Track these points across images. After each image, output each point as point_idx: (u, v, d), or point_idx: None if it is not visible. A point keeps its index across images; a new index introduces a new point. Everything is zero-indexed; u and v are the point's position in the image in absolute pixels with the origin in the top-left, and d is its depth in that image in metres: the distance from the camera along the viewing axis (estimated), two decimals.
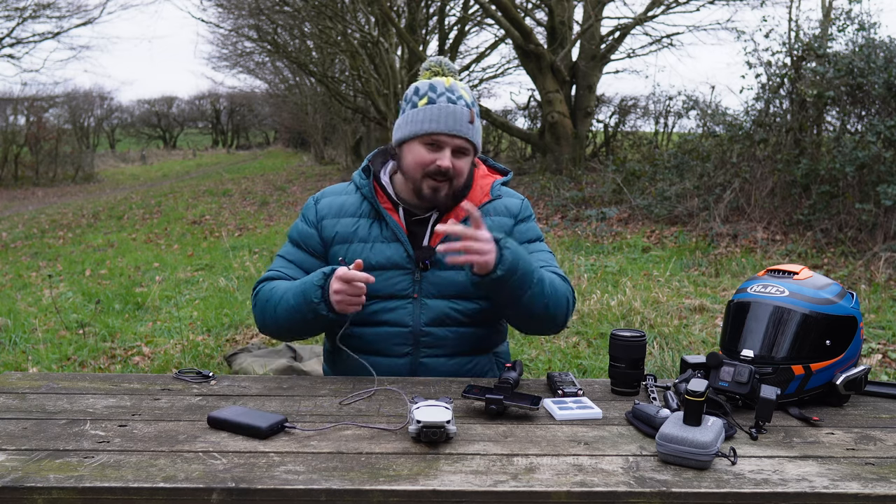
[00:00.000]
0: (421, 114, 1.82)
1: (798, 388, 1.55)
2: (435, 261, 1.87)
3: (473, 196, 1.94)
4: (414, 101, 1.85)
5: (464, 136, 1.81)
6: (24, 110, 23.90)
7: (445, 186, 1.83)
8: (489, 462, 1.30)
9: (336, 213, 1.95)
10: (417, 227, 1.91)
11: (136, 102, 54.99)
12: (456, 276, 1.88)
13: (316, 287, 1.75)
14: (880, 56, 7.24)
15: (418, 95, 1.85)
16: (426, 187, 1.84)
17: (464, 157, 1.85)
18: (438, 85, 1.84)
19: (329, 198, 1.99)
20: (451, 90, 1.83)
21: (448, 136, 1.81)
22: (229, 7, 18.31)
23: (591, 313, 5.06)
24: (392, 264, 1.88)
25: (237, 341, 4.82)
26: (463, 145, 1.83)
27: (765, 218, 7.82)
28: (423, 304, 1.87)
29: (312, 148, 28.47)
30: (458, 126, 1.80)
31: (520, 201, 2.02)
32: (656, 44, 15.52)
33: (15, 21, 21.83)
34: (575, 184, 11.17)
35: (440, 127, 1.80)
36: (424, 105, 1.82)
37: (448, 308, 1.88)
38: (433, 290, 1.88)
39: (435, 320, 1.87)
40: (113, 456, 1.31)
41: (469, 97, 1.85)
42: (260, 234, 9.86)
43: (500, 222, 1.94)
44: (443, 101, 1.82)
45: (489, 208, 1.95)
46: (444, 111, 1.80)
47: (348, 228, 1.92)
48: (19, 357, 4.58)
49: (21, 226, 12.01)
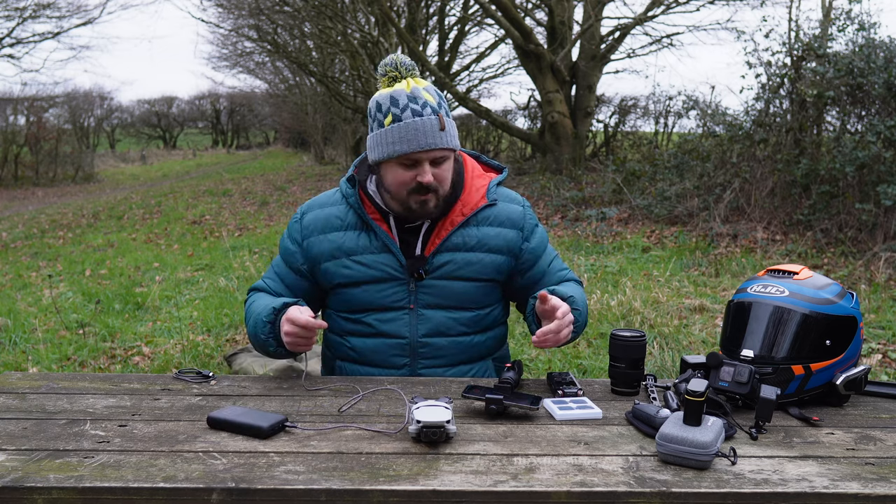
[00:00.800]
0: (389, 135, 1.73)
1: (798, 388, 1.55)
2: (429, 270, 1.82)
3: (468, 199, 1.86)
4: (379, 120, 1.75)
5: (438, 147, 1.73)
6: (24, 110, 23.90)
7: (432, 198, 1.77)
8: (489, 462, 1.30)
9: (322, 228, 1.87)
10: (409, 236, 1.84)
11: (136, 102, 55.02)
12: (453, 285, 1.83)
13: (265, 323, 1.76)
14: (880, 56, 7.24)
15: (382, 113, 1.75)
16: (413, 203, 1.77)
17: (444, 163, 1.77)
18: (399, 97, 1.73)
19: (314, 212, 1.91)
20: (414, 99, 1.72)
21: (422, 153, 1.72)
22: (229, 7, 18.32)
23: (591, 313, 5.06)
24: (385, 275, 1.82)
25: (237, 341, 4.82)
26: (439, 156, 1.75)
27: (765, 218, 7.82)
28: (421, 315, 1.83)
29: (312, 148, 28.46)
30: (429, 140, 1.71)
31: (521, 209, 1.92)
32: (656, 44, 15.53)
33: (15, 21, 21.85)
34: (575, 184, 11.17)
35: (412, 146, 1.71)
36: (390, 124, 1.72)
37: (446, 318, 1.83)
38: (430, 300, 1.83)
39: (433, 331, 1.83)
40: (113, 456, 1.31)
41: (434, 99, 1.75)
42: (260, 234, 9.86)
43: (504, 235, 1.87)
44: (408, 115, 1.71)
45: (489, 215, 1.87)
46: (411, 129, 1.71)
47: (335, 243, 1.85)
48: (19, 357, 4.58)
49: (21, 226, 12.01)
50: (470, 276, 1.84)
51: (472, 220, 1.85)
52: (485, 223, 1.86)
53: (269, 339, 1.76)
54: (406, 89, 1.74)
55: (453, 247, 1.84)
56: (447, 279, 1.83)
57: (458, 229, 1.84)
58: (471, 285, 1.84)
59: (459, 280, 1.83)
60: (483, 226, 1.86)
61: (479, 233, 1.85)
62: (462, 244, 1.84)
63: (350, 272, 1.83)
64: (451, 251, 1.83)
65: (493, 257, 1.85)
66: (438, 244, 1.83)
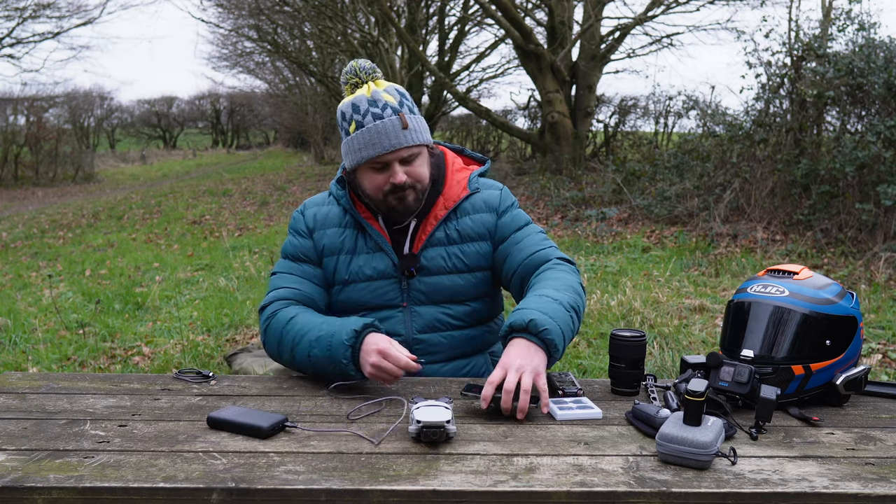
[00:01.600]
0: (355, 142, 1.77)
1: (798, 388, 1.55)
2: (419, 267, 1.85)
3: (450, 192, 1.89)
4: (345, 128, 1.79)
5: (403, 146, 1.75)
6: (24, 110, 23.89)
7: (410, 193, 1.80)
8: (489, 462, 1.30)
9: (322, 223, 1.91)
10: (398, 236, 1.88)
11: (136, 102, 54.96)
12: (443, 280, 1.85)
13: (345, 346, 1.62)
14: (880, 56, 7.24)
15: (346, 121, 1.79)
16: (392, 201, 1.80)
17: (415, 160, 1.80)
18: (360, 102, 1.76)
19: (313, 209, 1.95)
20: (374, 102, 1.75)
21: (389, 154, 1.75)
22: (229, 7, 18.32)
23: (591, 313, 5.06)
24: (379, 274, 1.85)
25: (237, 341, 4.82)
26: (407, 154, 1.77)
27: (765, 218, 7.82)
28: (414, 312, 1.86)
29: (312, 148, 28.44)
30: (392, 141, 1.74)
31: (498, 192, 1.94)
32: (656, 44, 15.52)
33: (15, 21, 21.85)
34: (575, 184, 11.17)
35: (376, 150, 1.74)
36: (355, 131, 1.76)
37: (439, 313, 1.86)
38: (422, 297, 1.86)
39: (427, 327, 1.86)
40: (113, 456, 1.31)
41: (395, 99, 1.77)
42: (260, 234, 9.86)
43: (482, 220, 1.89)
44: (369, 120, 1.74)
45: (467, 206, 1.89)
46: (373, 132, 1.74)
47: (335, 239, 1.89)
48: (19, 357, 4.58)
49: (21, 226, 12.01)
50: (458, 269, 1.87)
51: (454, 214, 1.88)
52: (463, 214, 1.89)
53: (349, 364, 1.63)
54: (367, 94, 1.77)
55: (438, 242, 1.87)
56: (436, 274, 1.86)
57: (441, 224, 1.87)
58: (460, 277, 1.87)
59: (448, 273, 1.86)
60: (462, 217, 1.89)
61: (458, 225, 1.88)
62: (446, 238, 1.87)
63: (345, 270, 1.87)
64: (436, 246, 1.87)
65: (475, 245, 1.88)
66: (425, 240, 1.86)
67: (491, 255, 1.90)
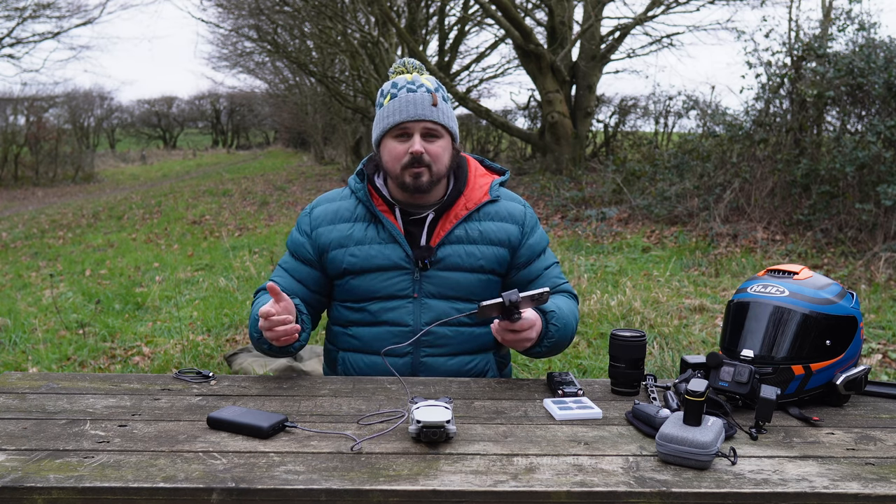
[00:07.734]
0: (385, 111, 1.87)
1: (798, 388, 1.55)
2: (434, 260, 1.88)
3: (472, 193, 1.95)
4: (381, 103, 1.91)
5: (428, 119, 1.83)
6: (24, 110, 23.88)
7: (425, 172, 1.84)
8: (489, 462, 1.30)
9: (331, 219, 1.95)
10: (414, 227, 1.92)
11: (136, 102, 54.90)
12: (456, 277, 1.89)
13: (255, 320, 1.80)
14: (880, 56, 7.24)
15: (383, 96, 1.91)
16: (407, 177, 1.85)
17: (435, 140, 1.86)
18: (400, 80, 1.88)
19: (323, 206, 2.00)
20: (412, 82, 1.87)
21: (413, 122, 1.84)
22: (229, 7, 18.30)
23: (591, 313, 5.06)
24: (391, 264, 1.88)
25: (237, 341, 4.82)
26: (430, 128, 1.85)
27: (765, 218, 7.82)
28: (424, 304, 1.88)
29: (312, 148, 28.46)
30: (419, 111, 1.83)
31: (522, 207, 2.01)
32: (656, 44, 15.52)
33: (15, 21, 21.84)
34: (575, 184, 11.17)
35: (402, 116, 1.83)
36: (388, 102, 1.87)
37: (448, 308, 1.88)
38: (433, 290, 1.89)
39: (435, 319, 1.87)
40: (113, 456, 1.31)
41: (432, 84, 1.89)
42: (260, 234, 9.85)
43: (506, 229, 1.94)
44: (402, 93, 1.86)
45: (490, 211, 1.95)
46: (403, 101, 1.84)
47: (343, 233, 1.93)
48: (19, 357, 4.58)
49: (21, 226, 12.01)
50: (472, 268, 1.91)
51: (475, 215, 1.94)
52: (486, 218, 1.94)
53: (262, 336, 1.79)
54: (408, 77, 1.89)
55: (456, 239, 1.91)
56: (450, 270, 1.89)
57: (461, 223, 1.92)
58: (472, 276, 1.91)
59: (461, 271, 1.90)
60: (485, 220, 1.94)
61: (481, 226, 1.93)
62: (465, 237, 1.92)
63: (356, 260, 1.90)
64: (454, 243, 1.91)
65: (494, 249, 1.93)
66: (444, 236, 1.90)
67: (507, 262, 1.95)
